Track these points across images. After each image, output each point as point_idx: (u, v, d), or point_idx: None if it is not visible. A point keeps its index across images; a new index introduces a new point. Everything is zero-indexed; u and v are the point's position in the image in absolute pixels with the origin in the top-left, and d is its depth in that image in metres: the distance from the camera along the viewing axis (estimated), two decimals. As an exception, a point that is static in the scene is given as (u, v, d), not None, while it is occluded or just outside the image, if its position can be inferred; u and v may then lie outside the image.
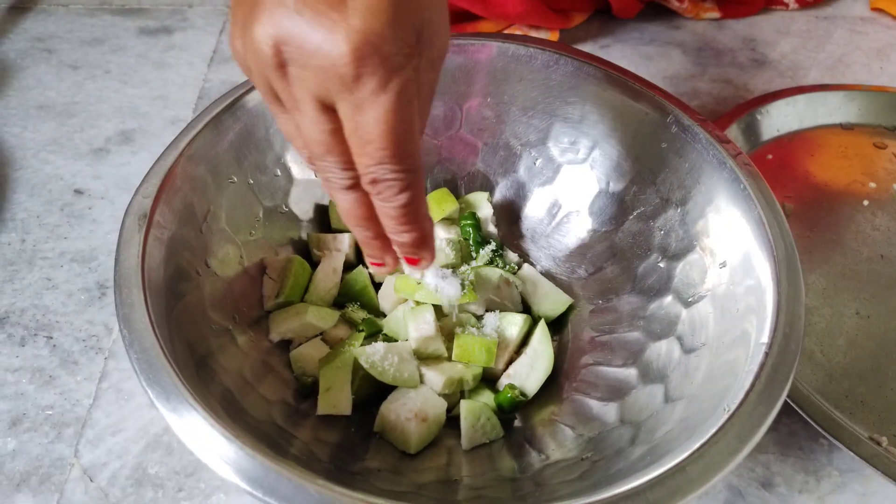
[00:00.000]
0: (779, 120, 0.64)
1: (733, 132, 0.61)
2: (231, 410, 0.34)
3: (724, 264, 0.41)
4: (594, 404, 0.42)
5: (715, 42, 0.73)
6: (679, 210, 0.45)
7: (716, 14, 0.75)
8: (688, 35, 0.74)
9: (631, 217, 0.48)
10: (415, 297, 0.43)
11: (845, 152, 0.63)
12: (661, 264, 0.45)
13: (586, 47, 0.72)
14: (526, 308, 0.48)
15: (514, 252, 0.51)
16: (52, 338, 0.48)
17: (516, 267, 0.50)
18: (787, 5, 0.78)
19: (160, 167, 0.40)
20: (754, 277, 0.38)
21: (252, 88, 0.45)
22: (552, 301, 0.48)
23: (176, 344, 0.34)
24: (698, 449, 0.30)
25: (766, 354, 0.33)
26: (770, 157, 0.62)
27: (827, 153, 0.63)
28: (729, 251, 0.40)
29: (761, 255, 0.38)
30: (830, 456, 0.44)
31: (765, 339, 0.34)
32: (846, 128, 0.65)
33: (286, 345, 0.44)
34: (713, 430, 0.31)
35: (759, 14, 0.77)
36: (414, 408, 0.40)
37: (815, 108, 0.65)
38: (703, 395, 0.35)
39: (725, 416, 0.31)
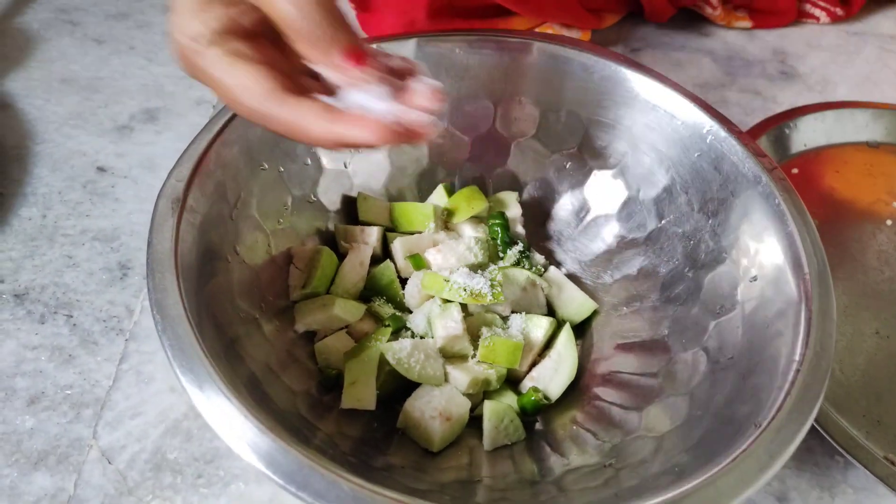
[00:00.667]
0: (807, 135, 0.63)
1: (762, 144, 0.61)
2: (258, 397, 0.34)
3: (754, 278, 0.40)
4: (617, 411, 0.42)
5: (745, 52, 0.73)
6: (710, 221, 0.44)
7: (747, 23, 0.75)
8: (718, 43, 0.74)
9: (660, 225, 0.48)
10: (443, 294, 0.43)
11: (871, 170, 0.63)
12: (689, 274, 0.45)
13: (617, 49, 0.72)
14: (550, 311, 0.48)
15: (540, 254, 0.51)
16: (72, 316, 0.48)
17: (542, 269, 0.49)
18: (818, 19, 0.77)
19: (194, 150, 0.39)
20: (785, 294, 0.38)
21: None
22: (577, 305, 0.48)
23: (206, 330, 0.34)
24: (728, 464, 0.30)
25: (797, 372, 0.33)
26: (796, 171, 0.62)
27: (852, 170, 0.63)
28: (760, 265, 0.40)
29: (793, 272, 0.38)
30: (846, 473, 0.44)
31: (796, 356, 0.34)
32: (872, 146, 0.65)
33: (311, 336, 0.44)
34: (744, 446, 0.31)
35: (790, 26, 0.77)
36: (438, 406, 0.40)
37: (843, 124, 0.65)
38: (730, 411, 0.35)
39: (756, 433, 0.31)
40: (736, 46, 0.74)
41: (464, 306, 0.44)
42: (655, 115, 0.47)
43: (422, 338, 0.43)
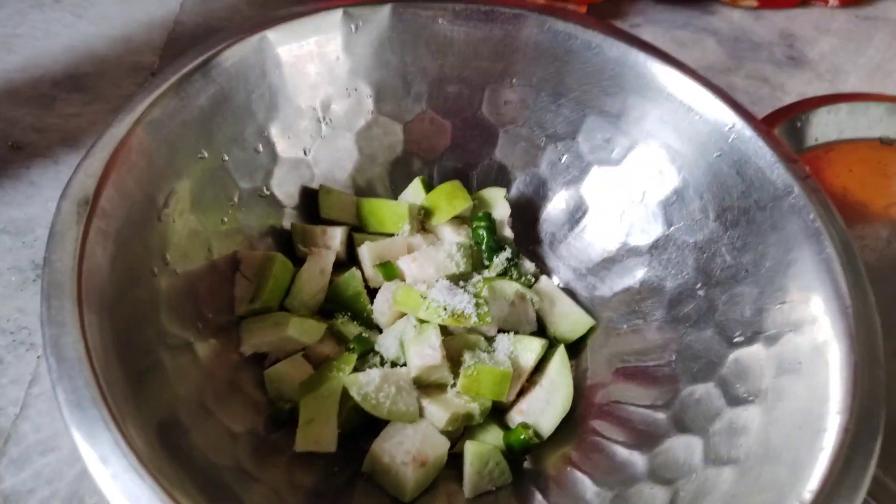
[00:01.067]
0: (818, 129, 0.58)
1: (771, 138, 0.55)
2: (175, 449, 0.27)
3: (782, 304, 0.35)
4: (618, 450, 0.36)
5: (752, 33, 0.67)
6: (728, 233, 0.39)
7: (753, 2, 0.69)
8: (723, 23, 0.67)
9: (667, 232, 0.42)
10: (419, 314, 0.36)
11: (885, 170, 0.58)
12: (701, 291, 0.39)
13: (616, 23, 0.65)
14: (540, 326, 0.42)
15: (530, 260, 0.45)
16: (-29, 327, 0.40)
17: (533, 279, 0.43)
18: (826, 1, 0.71)
19: (109, 139, 0.32)
20: (821, 328, 0.32)
21: (233, 42, 0.37)
22: (572, 321, 0.42)
23: (114, 366, 0.27)
24: (772, 554, 0.25)
25: (846, 432, 0.28)
26: (807, 168, 0.56)
27: (865, 169, 0.58)
28: (791, 290, 0.35)
29: (831, 304, 0.32)
30: (866, 519, 0.39)
31: (839, 410, 0.29)
32: (885, 143, 0.60)
33: (260, 359, 0.37)
34: (788, 529, 0.25)
35: (798, 7, 0.71)
36: (412, 449, 0.33)
37: (857, 118, 0.59)
38: (759, 469, 0.30)
39: (803, 511, 0.26)
40: (742, 27, 0.67)
41: (443, 327, 0.37)
42: (670, 106, 0.40)
43: (393, 364, 0.37)
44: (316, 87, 0.42)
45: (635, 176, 0.43)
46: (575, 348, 0.42)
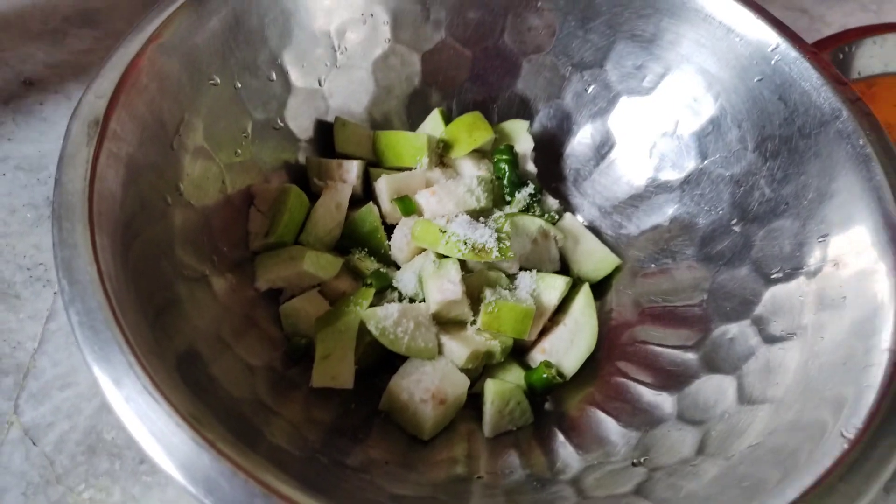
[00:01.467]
0: (862, 61, 0.54)
1: (813, 70, 0.52)
2: (197, 384, 0.26)
3: (824, 237, 0.33)
4: (644, 391, 0.35)
5: (793, -40, 0.62)
6: (768, 164, 0.36)
7: (797, -75, 0.64)
8: (763, -52, 0.63)
9: (702, 165, 0.39)
10: (438, 248, 0.35)
11: (934, 105, 0.54)
12: (737, 228, 0.37)
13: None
14: (563, 266, 0.41)
15: (554, 197, 0.43)
16: (-12, 262, 0.40)
17: (556, 216, 0.41)
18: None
19: (120, 58, 0.30)
20: (868, 261, 0.30)
21: (244, -36, 0.35)
22: (596, 260, 0.40)
23: (130, 297, 0.26)
24: (810, 489, 0.23)
25: (894, 366, 0.26)
26: (857, 91, 0.53)
27: (912, 104, 0.54)
28: (834, 222, 0.33)
29: (880, 236, 0.30)
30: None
31: (888, 344, 0.27)
32: (936, 76, 0.56)
33: (276, 295, 0.36)
34: (828, 463, 0.24)
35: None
36: (431, 386, 0.33)
37: (906, 50, 0.55)
38: (799, 406, 0.28)
39: (844, 447, 0.24)
40: (783, -47, 0.63)
41: (463, 263, 0.36)
42: (708, 27, 0.38)
43: (411, 301, 0.36)
44: (331, 13, 0.40)
45: (668, 105, 0.40)
46: (599, 288, 0.41)
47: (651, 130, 0.41)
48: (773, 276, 0.34)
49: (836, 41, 0.54)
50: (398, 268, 0.38)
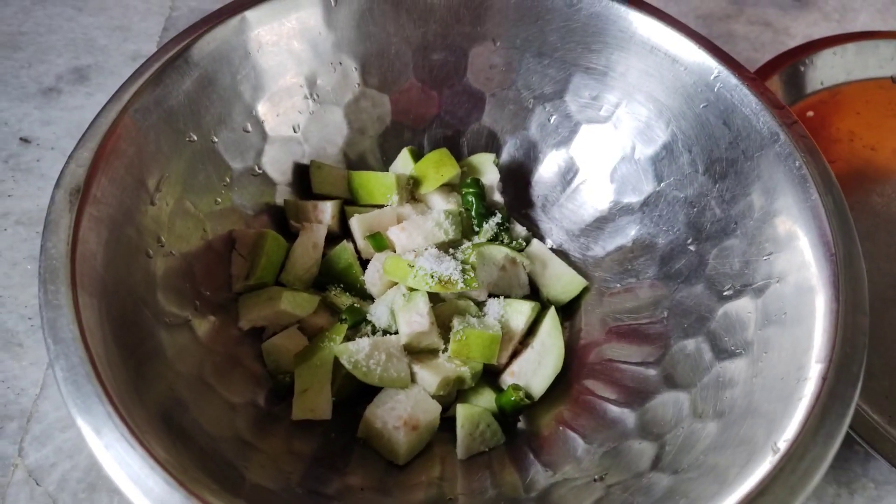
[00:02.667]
0: (824, 71, 0.56)
1: (774, 84, 0.53)
2: (177, 429, 0.29)
3: (769, 255, 0.35)
4: (610, 408, 0.37)
5: (755, -25, 0.64)
6: (717, 185, 0.38)
7: (758, -58, 0.66)
8: (725, -34, 0.65)
9: (658, 188, 0.41)
10: (407, 282, 0.37)
11: (895, 110, 0.56)
12: (692, 247, 0.39)
13: (607, -22, 0.63)
14: (534, 289, 0.43)
15: (521, 223, 0.45)
16: (-8, 314, 0.42)
17: (524, 243, 0.43)
18: (838, -67, 0.68)
19: (98, 127, 0.33)
20: (807, 277, 0.32)
21: (216, 24, 0.38)
22: (564, 283, 0.42)
23: (111, 350, 0.28)
24: (743, 500, 0.25)
25: (824, 381, 0.28)
26: (811, 114, 0.55)
27: (875, 111, 0.56)
28: (777, 241, 0.34)
29: (817, 252, 0.32)
30: (866, 466, 0.40)
31: (820, 358, 0.29)
32: (898, 81, 0.58)
33: (258, 333, 0.39)
34: (759, 477, 0.26)
35: (807, -57, 0.67)
36: (403, 414, 0.35)
37: (865, 58, 0.57)
38: (740, 421, 0.30)
39: (775, 458, 0.26)
40: (745, -31, 0.65)
41: (434, 293, 0.38)
42: (654, 59, 0.40)
43: (385, 332, 0.38)
44: (301, 64, 0.42)
45: (624, 132, 0.42)
46: (569, 309, 0.43)
47: (611, 156, 0.43)
48: (724, 294, 0.36)
49: (796, 54, 0.56)
50: (372, 301, 0.40)
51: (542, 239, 0.45)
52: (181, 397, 0.30)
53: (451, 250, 0.40)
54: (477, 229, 0.43)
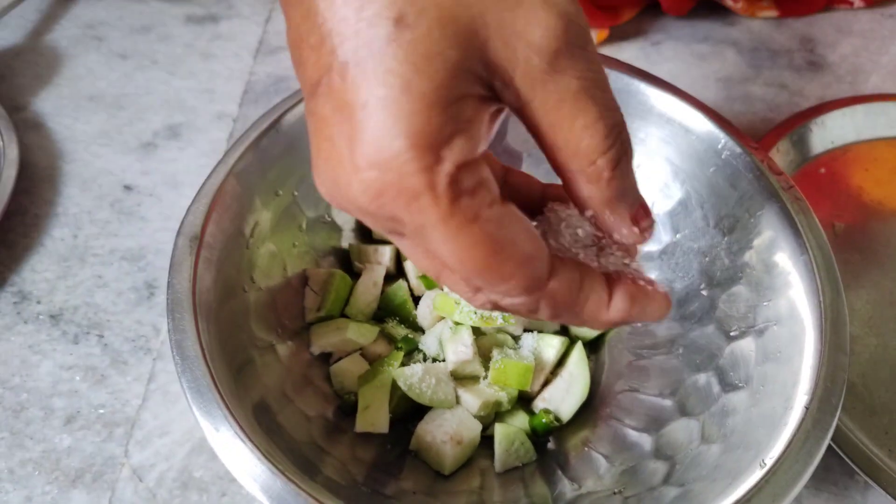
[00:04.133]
0: (834, 132, 0.61)
1: (785, 144, 0.59)
2: (270, 429, 0.35)
3: (769, 301, 0.40)
4: (630, 433, 0.42)
5: (771, 41, 0.70)
6: (726, 238, 0.44)
7: (773, 13, 0.72)
8: (743, 33, 0.71)
9: (675, 239, 0.47)
10: (453, 317, 0.43)
11: (904, 168, 0.60)
12: (704, 292, 0.44)
13: (637, 44, 0.70)
14: (563, 326, 0.48)
15: (554, 268, 0.51)
16: (103, 336, 0.50)
17: (555, 285, 0.49)
18: (851, 4, 0.74)
19: (210, 185, 0.41)
20: (798, 321, 0.37)
21: (296, 103, 0.46)
22: (590, 321, 0.48)
23: (219, 365, 0.35)
24: (734, 504, 0.30)
25: (806, 409, 0.33)
26: (823, 170, 0.60)
27: (883, 168, 0.61)
28: (775, 289, 0.40)
29: (808, 299, 0.37)
30: (866, 494, 0.44)
31: (805, 391, 0.34)
32: (906, 141, 0.62)
33: (326, 357, 0.45)
34: (749, 486, 0.31)
35: (821, 12, 0.73)
36: (450, 430, 0.41)
37: (874, 118, 0.62)
38: (739, 442, 0.35)
39: (762, 472, 0.31)
40: (762, 36, 0.71)
41: (476, 327, 0.44)
42: (670, 128, 0.46)
43: (434, 360, 0.44)
44: (366, 129, 0.50)
45: (646, 190, 0.48)
46: (595, 345, 0.48)
47: (633, 210, 0.49)
48: (731, 334, 0.41)
49: (808, 116, 0.61)
50: (424, 332, 0.47)
51: (571, 281, 0.51)
52: (269, 405, 0.37)
53: (491, 290, 0.47)
54: (514, 272, 0.49)
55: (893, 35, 0.72)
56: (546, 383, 0.45)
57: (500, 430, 0.41)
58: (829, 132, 0.61)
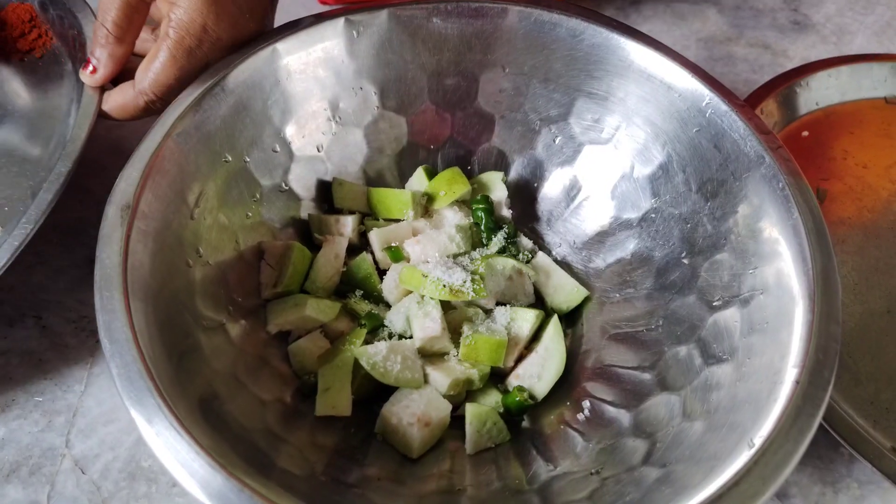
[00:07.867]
0: (819, 93, 0.59)
1: (769, 106, 0.56)
2: (214, 420, 0.32)
3: (755, 269, 0.37)
4: (608, 409, 0.40)
5: (754, 0, 0.67)
6: (709, 203, 0.41)
7: (757, -32, 0.69)
8: (725, -9, 0.68)
9: (655, 205, 0.44)
10: (421, 290, 0.40)
11: (888, 130, 0.58)
12: (686, 260, 0.42)
13: (615, 3, 0.67)
14: (539, 298, 0.46)
15: (528, 236, 0.48)
16: (41, 318, 0.46)
17: (530, 255, 0.47)
18: (836, -41, 0.70)
19: (144, 150, 0.37)
20: (787, 290, 0.35)
21: (246, 56, 0.42)
22: (567, 292, 0.45)
23: (157, 349, 0.32)
24: (720, 489, 0.28)
25: (797, 384, 0.31)
26: (806, 133, 0.58)
27: (868, 130, 0.58)
28: (761, 256, 0.37)
29: (796, 267, 0.35)
30: (851, 467, 0.42)
31: (795, 363, 0.32)
32: (891, 102, 0.60)
33: (285, 336, 0.42)
34: (736, 468, 0.28)
35: (806, -32, 0.70)
36: (417, 411, 0.38)
37: (859, 79, 0.60)
38: (724, 420, 0.33)
39: (750, 453, 0.29)
40: (745, -6, 0.68)
41: (446, 301, 0.41)
42: (651, 85, 0.43)
43: (401, 336, 0.41)
44: (325, 90, 0.46)
45: (624, 153, 0.46)
46: (572, 318, 0.46)
47: (612, 175, 0.46)
48: (714, 304, 0.39)
49: (792, 77, 0.59)
50: (390, 307, 0.43)
51: (547, 251, 0.48)
52: (217, 392, 0.34)
53: (461, 262, 0.44)
54: (486, 242, 0.46)
55: (879, -7, 0.69)
56: (520, 359, 0.43)
57: (471, 410, 0.39)
58: (815, 93, 0.59)
